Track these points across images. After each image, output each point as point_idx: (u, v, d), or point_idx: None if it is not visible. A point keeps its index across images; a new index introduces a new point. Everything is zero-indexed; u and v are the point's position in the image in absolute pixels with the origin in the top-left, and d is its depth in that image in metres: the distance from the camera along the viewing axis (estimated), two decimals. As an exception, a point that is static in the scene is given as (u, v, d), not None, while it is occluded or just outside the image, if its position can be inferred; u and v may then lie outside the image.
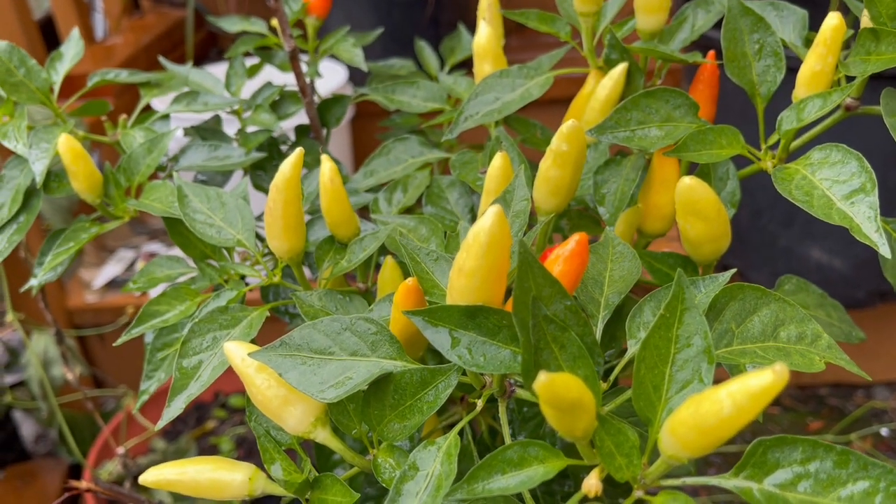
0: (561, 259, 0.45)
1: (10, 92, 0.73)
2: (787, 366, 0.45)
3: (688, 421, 0.35)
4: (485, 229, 0.42)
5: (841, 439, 1.66)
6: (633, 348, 0.48)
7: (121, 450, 1.43)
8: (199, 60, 2.45)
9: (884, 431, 1.72)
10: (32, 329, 1.68)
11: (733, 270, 0.50)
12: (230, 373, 0.58)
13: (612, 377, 0.47)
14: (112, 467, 1.61)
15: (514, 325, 0.45)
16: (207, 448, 1.75)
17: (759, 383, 0.33)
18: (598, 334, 0.49)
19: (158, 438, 1.74)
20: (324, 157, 0.63)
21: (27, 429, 1.96)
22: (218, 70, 1.47)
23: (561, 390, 0.34)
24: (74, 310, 1.83)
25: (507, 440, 0.50)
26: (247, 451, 1.72)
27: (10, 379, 1.92)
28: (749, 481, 0.39)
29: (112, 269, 1.93)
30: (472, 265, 0.43)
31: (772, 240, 1.65)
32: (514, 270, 0.44)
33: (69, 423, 1.75)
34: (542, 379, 0.33)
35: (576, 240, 0.45)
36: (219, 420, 1.83)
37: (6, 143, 0.70)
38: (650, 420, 0.41)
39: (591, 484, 0.40)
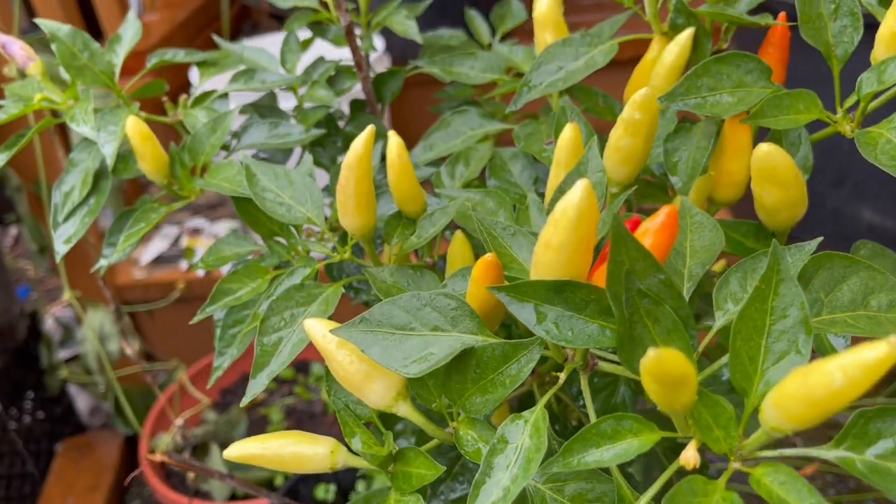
0: (651, 232, 0.44)
1: (76, 75, 0.74)
2: (882, 334, 0.45)
3: (794, 393, 0.35)
4: (573, 204, 0.42)
5: None
6: (720, 320, 0.48)
7: (179, 421, 1.46)
8: (234, 35, 2.45)
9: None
10: (88, 305, 1.72)
11: (820, 239, 0.49)
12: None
13: (699, 348, 0.47)
14: (168, 438, 1.66)
15: (601, 299, 0.45)
16: (258, 419, 1.78)
17: (874, 355, 0.32)
18: (684, 306, 0.48)
19: (210, 410, 1.78)
20: (390, 133, 0.63)
21: (82, 402, 2.01)
22: (258, 43, 1.47)
23: (669, 366, 0.34)
24: (123, 286, 1.87)
25: (591, 412, 0.50)
26: (296, 420, 1.75)
27: (64, 354, 1.97)
28: (851, 452, 0.39)
29: (158, 246, 1.96)
30: (560, 239, 0.43)
31: (821, 201, 1.62)
32: (598, 244, 0.44)
33: (125, 395, 1.80)
34: (652, 355, 0.33)
35: (666, 212, 0.44)
36: (268, 391, 1.86)
37: (74, 127, 0.71)
38: (746, 391, 0.41)
39: (690, 455, 0.40)
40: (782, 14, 0.65)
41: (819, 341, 0.49)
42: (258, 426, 1.74)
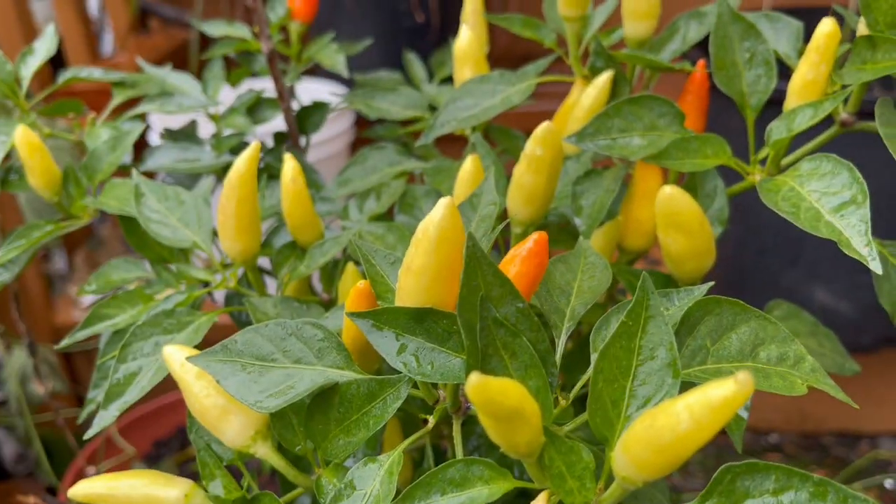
0: (518, 259, 0.41)
1: (-29, 82, 0.70)
2: (767, 388, 0.41)
3: (642, 437, 0.31)
4: (434, 222, 0.38)
5: (842, 488, 1.59)
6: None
7: (92, 470, 1.38)
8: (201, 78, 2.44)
9: (888, 483, 1.65)
10: (13, 343, 1.65)
11: (711, 283, 0.46)
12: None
13: (572, 394, 0.43)
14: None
15: (465, 331, 0.40)
16: (190, 474, 1.69)
17: (721, 394, 0.29)
18: (561, 346, 0.44)
19: (139, 462, 1.69)
20: (287, 156, 0.59)
21: (7, 448, 1.91)
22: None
23: (496, 395, 0.30)
24: (62, 326, 1.79)
25: (460, 455, 0.46)
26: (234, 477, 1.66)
27: (-8, 398, 1.88)
28: (715, 512, 0.34)
29: (101, 286, 1.90)
30: (421, 262, 0.40)
31: (775, 280, 1.61)
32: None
33: (49, 443, 1.70)
34: (474, 381, 0.29)
35: (534, 239, 0.41)
36: (202, 445, 1.77)
37: (-38, 135, 0.67)
38: (607, 439, 0.37)
39: (538, 508, 0.35)
40: (701, 61, 0.63)
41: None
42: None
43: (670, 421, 0.30)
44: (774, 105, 0.59)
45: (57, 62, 1.97)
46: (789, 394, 0.41)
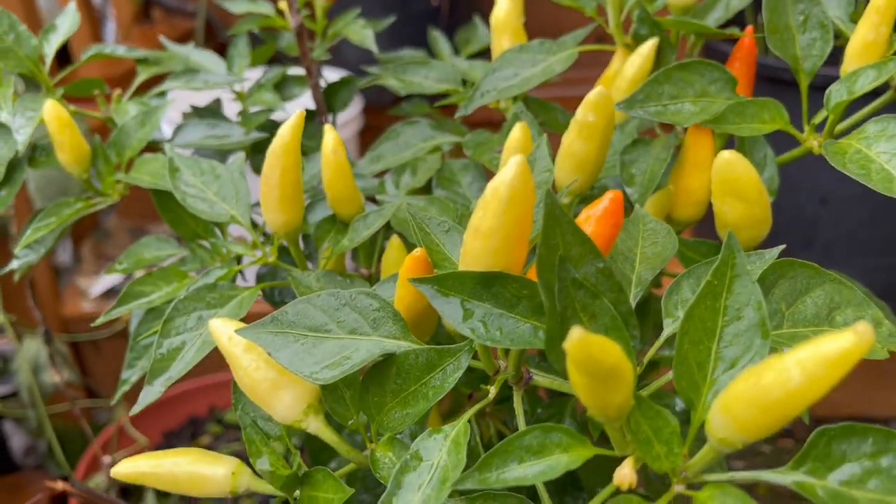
0: (593, 219, 0.39)
1: (-3, 57, 0.68)
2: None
3: (746, 395, 0.30)
4: (505, 182, 0.37)
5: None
6: (669, 328, 0.42)
7: (107, 459, 1.36)
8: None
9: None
10: (25, 333, 1.63)
11: (782, 246, 0.44)
12: (226, 388, 0.52)
13: (645, 359, 0.42)
14: (100, 480, 1.55)
15: (535, 295, 0.39)
16: (202, 464, 1.67)
17: (839, 347, 0.27)
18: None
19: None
20: (327, 127, 0.58)
21: (17, 441, 1.89)
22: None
23: (598, 352, 0.28)
24: (70, 318, 1.78)
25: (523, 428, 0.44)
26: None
27: (1, 389, 1.86)
28: (810, 476, 0.33)
29: (111, 278, 1.88)
30: (490, 224, 0.38)
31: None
32: (536, 236, 0.39)
33: (60, 434, 1.69)
34: (576, 336, 0.27)
35: (610, 198, 0.39)
36: (214, 436, 1.76)
37: (-11, 110, 0.66)
38: (693, 403, 0.35)
39: (625, 474, 0.34)
40: (749, 27, 0.61)
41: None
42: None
43: (780, 378, 0.28)
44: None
45: (63, 53, 1.95)
46: (870, 357, 0.40)
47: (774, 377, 0.28)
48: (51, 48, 0.75)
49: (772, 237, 0.54)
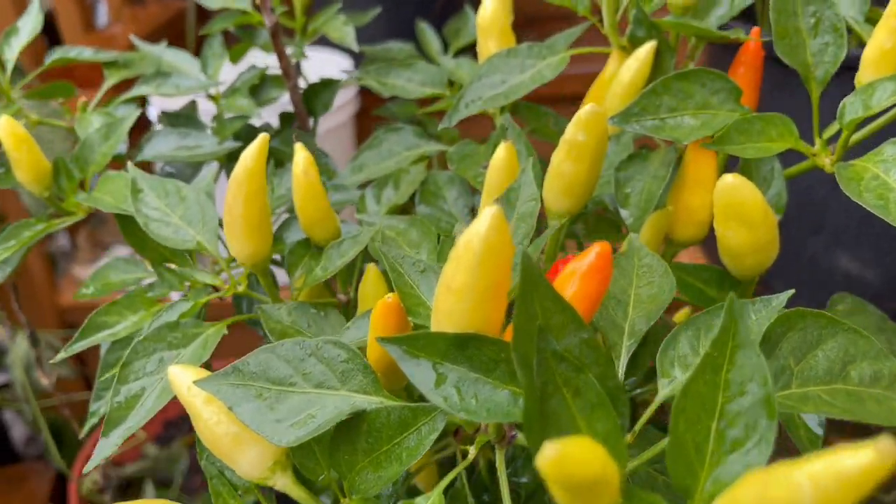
0: (577, 276, 0.35)
1: (-52, 68, 0.64)
2: (863, 416, 0.35)
3: (748, 508, 0.26)
4: (479, 235, 0.33)
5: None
6: (664, 390, 0.38)
7: (101, 459, 1.34)
8: (200, 53, 2.36)
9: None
10: (18, 330, 1.60)
11: (790, 292, 0.40)
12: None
13: (637, 427, 0.38)
14: (96, 475, 1.53)
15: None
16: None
17: (856, 465, 0.23)
18: (622, 369, 0.39)
19: (150, 444, 1.66)
20: (297, 146, 0.53)
21: (17, 430, 1.88)
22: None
23: (575, 467, 0.24)
24: (67, 308, 1.75)
25: (505, 498, 0.40)
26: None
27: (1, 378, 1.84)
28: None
29: (105, 266, 1.85)
30: (463, 281, 0.34)
31: (796, 247, 1.54)
32: (515, 289, 0.35)
33: (59, 427, 1.67)
34: (550, 453, 0.23)
35: (596, 251, 0.35)
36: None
37: (-60, 127, 0.61)
38: (688, 491, 0.31)
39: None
40: (755, 29, 0.56)
41: (789, 420, 0.40)
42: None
43: (788, 494, 0.24)
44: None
45: (53, 36, 1.90)
46: (887, 423, 0.36)
47: (782, 493, 0.24)
48: (12, 52, 0.71)
49: (780, 224, 0.49)
